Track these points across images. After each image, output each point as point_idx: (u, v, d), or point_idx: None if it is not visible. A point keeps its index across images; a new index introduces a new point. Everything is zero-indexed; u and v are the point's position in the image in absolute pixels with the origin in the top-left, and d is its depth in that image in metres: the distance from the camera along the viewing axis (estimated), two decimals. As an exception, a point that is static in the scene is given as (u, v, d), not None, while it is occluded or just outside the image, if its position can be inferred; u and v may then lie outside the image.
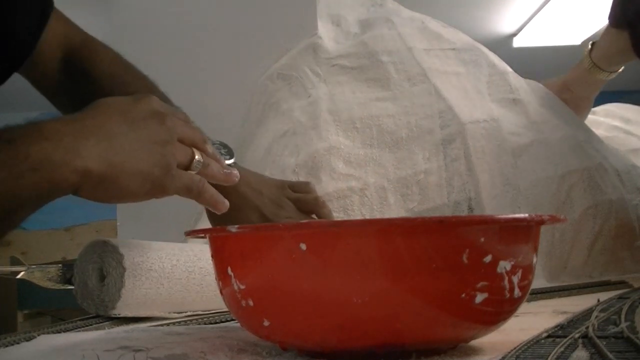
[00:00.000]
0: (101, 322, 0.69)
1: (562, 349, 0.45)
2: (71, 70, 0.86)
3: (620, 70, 1.24)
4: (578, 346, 0.46)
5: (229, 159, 0.83)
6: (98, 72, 0.86)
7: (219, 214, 0.70)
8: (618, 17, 1.17)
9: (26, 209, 0.56)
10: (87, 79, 0.86)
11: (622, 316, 0.57)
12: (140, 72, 0.89)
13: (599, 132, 1.31)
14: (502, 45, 3.85)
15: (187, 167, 0.64)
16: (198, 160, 0.65)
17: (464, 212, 0.96)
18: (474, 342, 0.52)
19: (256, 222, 0.82)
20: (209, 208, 0.69)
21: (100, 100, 0.62)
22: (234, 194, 0.79)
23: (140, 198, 0.62)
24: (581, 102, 1.26)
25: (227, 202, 0.68)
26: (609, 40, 1.20)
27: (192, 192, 0.65)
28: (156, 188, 0.61)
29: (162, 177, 0.61)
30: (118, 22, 1.26)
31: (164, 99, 0.86)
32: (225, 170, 0.68)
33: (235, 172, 0.70)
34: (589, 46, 1.24)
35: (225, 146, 0.83)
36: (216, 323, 0.70)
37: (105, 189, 0.58)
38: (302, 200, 0.89)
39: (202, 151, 0.66)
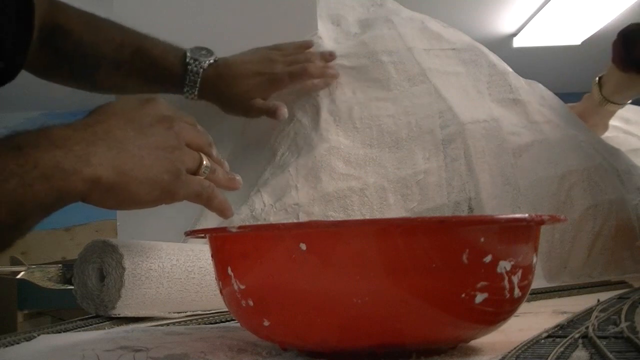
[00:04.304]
0: (101, 322, 0.69)
1: (562, 349, 0.45)
2: (46, 33, 0.85)
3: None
4: (578, 346, 0.46)
5: (211, 57, 0.93)
6: (69, 24, 0.87)
7: (225, 219, 0.70)
8: (624, 61, 1.17)
9: (35, 217, 0.55)
10: (59, 33, 0.86)
11: (622, 316, 0.57)
12: (114, 23, 0.92)
13: (599, 132, 1.31)
14: (502, 45, 3.85)
15: (196, 172, 0.64)
16: (206, 166, 0.64)
17: (464, 212, 0.96)
18: (474, 342, 0.52)
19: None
20: (215, 213, 0.69)
21: (107, 105, 0.62)
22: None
23: (150, 204, 0.61)
24: (597, 128, 1.29)
25: (232, 209, 0.68)
26: (618, 78, 1.21)
27: (201, 198, 0.64)
28: (165, 194, 0.61)
29: (172, 183, 0.61)
30: (118, 21, 1.26)
31: (137, 36, 0.91)
32: (229, 176, 0.69)
33: (238, 177, 0.70)
34: (597, 80, 1.26)
35: (203, 48, 0.93)
36: (216, 323, 0.70)
37: (114, 196, 0.58)
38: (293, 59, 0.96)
39: (208, 155, 0.66)
